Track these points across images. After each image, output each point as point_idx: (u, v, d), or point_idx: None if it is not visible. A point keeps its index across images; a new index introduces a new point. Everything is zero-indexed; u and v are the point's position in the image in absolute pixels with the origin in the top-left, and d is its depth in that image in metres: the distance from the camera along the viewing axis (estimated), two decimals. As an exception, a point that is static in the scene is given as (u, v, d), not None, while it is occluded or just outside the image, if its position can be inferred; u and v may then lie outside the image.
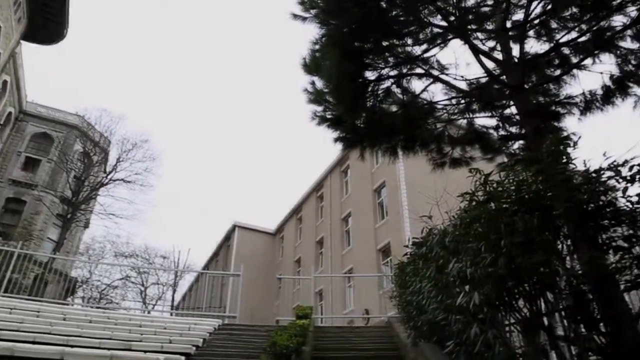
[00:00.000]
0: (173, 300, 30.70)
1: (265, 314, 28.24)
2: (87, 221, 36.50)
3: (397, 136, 9.09)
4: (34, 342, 8.15)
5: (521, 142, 8.75)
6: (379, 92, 8.87)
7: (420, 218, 6.17)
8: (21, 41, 33.30)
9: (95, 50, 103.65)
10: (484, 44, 8.43)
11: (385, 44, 8.35)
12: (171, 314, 16.32)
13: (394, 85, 8.89)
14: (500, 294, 4.03)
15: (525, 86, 7.69)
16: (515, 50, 7.87)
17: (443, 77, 8.57)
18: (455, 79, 8.51)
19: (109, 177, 32.30)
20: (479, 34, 8.40)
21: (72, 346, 8.22)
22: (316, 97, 9.22)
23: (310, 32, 8.52)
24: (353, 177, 31.86)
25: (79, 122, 37.97)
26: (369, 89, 8.74)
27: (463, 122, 9.38)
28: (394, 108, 9.01)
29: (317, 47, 8.85)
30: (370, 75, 8.71)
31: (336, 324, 18.95)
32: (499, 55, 8.16)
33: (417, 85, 8.88)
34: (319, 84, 9.19)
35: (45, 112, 39.45)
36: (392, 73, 8.70)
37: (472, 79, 8.62)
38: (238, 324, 12.75)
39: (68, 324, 9.86)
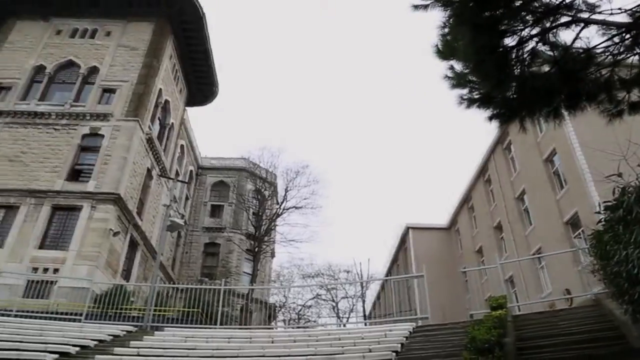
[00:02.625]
0: (364, 310, 31.68)
1: (457, 310, 27.39)
2: (272, 251, 39.87)
3: (556, 97, 8.20)
4: (253, 366, 9.12)
5: None
6: (524, 56, 8.15)
7: (607, 178, 5.47)
8: (185, 108, 38.28)
9: (242, 92, 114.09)
10: (637, -38, 7.23)
11: (517, 3, 7.69)
12: (365, 324, 16.84)
13: (539, 44, 8.09)
14: None
15: None
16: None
17: (595, 17, 7.54)
18: (611, 14, 7.44)
19: (281, 207, 34.89)
20: (628, -49, 7.23)
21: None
22: (458, 80, 8.82)
23: (435, 17, 8.22)
24: (518, 152, 29.60)
25: (245, 165, 42.05)
26: (513, 56, 8.10)
27: (634, 59, 8.10)
28: (546, 68, 8.19)
29: (445, 30, 8.50)
30: (510, 41, 8.06)
31: (535, 309, 17.54)
32: (661, -31, 6.91)
33: (566, 36, 7.94)
34: (458, 66, 8.78)
35: (217, 163, 44.62)
36: (534, 32, 7.94)
37: (634, 7, 7.43)
38: (432, 324, 12.62)
39: (276, 346, 10.79)
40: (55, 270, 21.28)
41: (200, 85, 38.20)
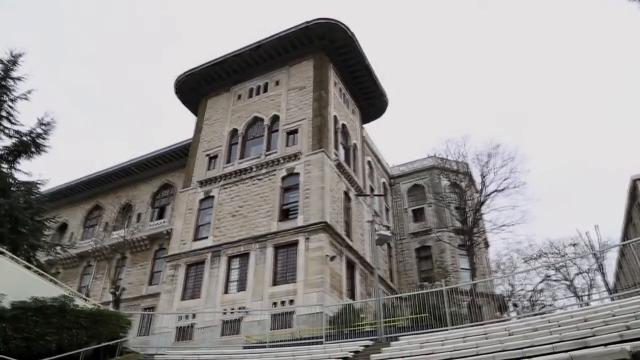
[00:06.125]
0: (606, 284, 27.59)
1: None
2: (485, 241, 37.92)
3: None
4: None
5: None
6: None
7: None
8: (362, 126, 39.49)
9: (408, 91, 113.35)
10: None
11: None
12: (612, 299, 14.59)
13: None
14: None
15: None
16: None
17: None
18: None
19: (482, 194, 33.16)
20: None
21: (530, 357, 8.28)
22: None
23: None
24: None
25: (434, 162, 41.31)
26: None
27: None
28: None
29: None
30: None
31: None
32: None
33: None
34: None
35: (406, 169, 44.79)
36: None
37: None
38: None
39: (515, 338, 10.07)
40: (291, 302, 23.57)
41: (370, 100, 39.10)
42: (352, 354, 13.20)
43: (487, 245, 39.47)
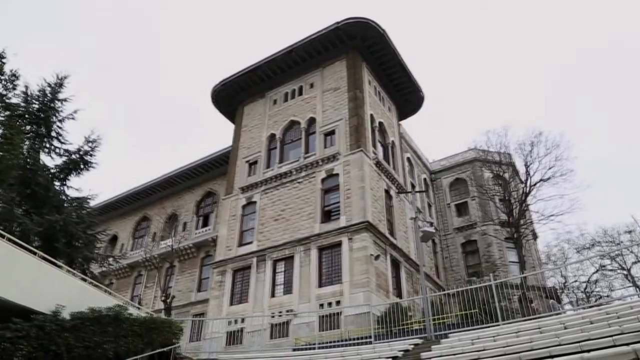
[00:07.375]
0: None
1: None
2: (533, 232, 36.73)
3: None
4: (550, 357, 8.33)
5: None
6: None
7: None
8: (399, 123, 39.10)
9: (442, 84, 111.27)
10: None
11: None
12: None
13: None
14: None
15: None
16: None
17: None
18: None
19: (527, 184, 32.17)
20: None
21: (588, 351, 7.98)
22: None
23: None
24: None
25: (475, 154, 40.46)
26: None
27: None
28: None
29: None
30: None
31: None
32: None
33: None
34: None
35: (447, 163, 44.02)
36: None
37: None
38: None
39: (572, 331, 9.74)
40: (337, 303, 23.58)
41: (405, 96, 38.70)
42: (401, 352, 13.07)
43: (535, 236, 38.23)
